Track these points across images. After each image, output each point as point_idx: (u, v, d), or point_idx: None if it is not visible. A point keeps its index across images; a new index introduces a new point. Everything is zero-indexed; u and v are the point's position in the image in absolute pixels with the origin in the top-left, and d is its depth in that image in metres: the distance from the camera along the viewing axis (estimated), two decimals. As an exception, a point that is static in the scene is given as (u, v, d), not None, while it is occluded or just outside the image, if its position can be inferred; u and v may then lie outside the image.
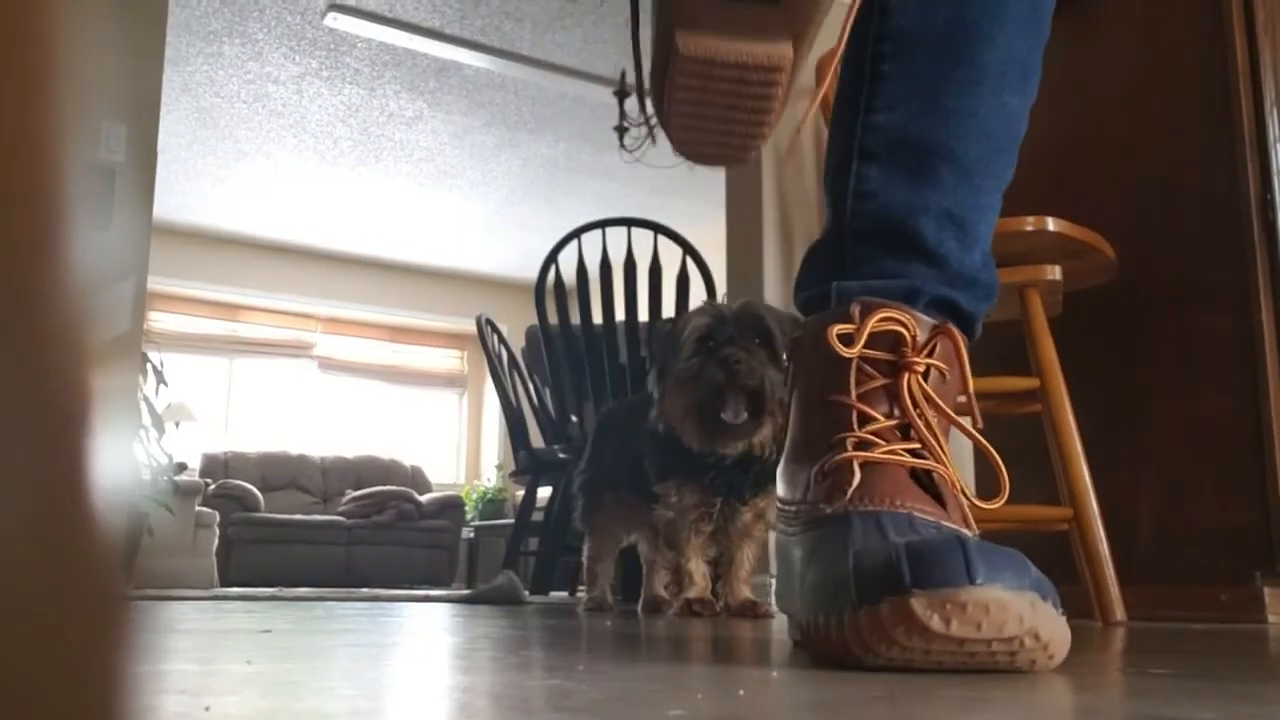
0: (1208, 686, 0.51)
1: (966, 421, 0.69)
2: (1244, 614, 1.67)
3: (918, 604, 0.50)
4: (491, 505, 6.39)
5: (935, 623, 0.50)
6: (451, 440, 7.30)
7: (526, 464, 2.92)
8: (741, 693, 0.42)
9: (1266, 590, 1.68)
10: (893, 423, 0.66)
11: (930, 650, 0.51)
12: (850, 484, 0.63)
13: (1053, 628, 0.53)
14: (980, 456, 0.72)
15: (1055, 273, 1.67)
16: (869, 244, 0.76)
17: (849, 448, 0.64)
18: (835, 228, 0.78)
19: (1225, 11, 1.83)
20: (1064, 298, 1.80)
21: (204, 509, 4.21)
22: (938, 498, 0.64)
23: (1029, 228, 1.66)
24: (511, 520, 3.93)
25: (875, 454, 0.64)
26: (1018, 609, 0.51)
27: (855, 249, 0.76)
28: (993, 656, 0.52)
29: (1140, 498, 1.89)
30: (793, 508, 0.70)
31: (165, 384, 3.26)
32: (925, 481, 0.65)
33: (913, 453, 0.65)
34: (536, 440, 2.95)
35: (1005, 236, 1.67)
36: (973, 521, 0.65)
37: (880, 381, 0.67)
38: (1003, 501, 0.66)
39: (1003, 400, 1.76)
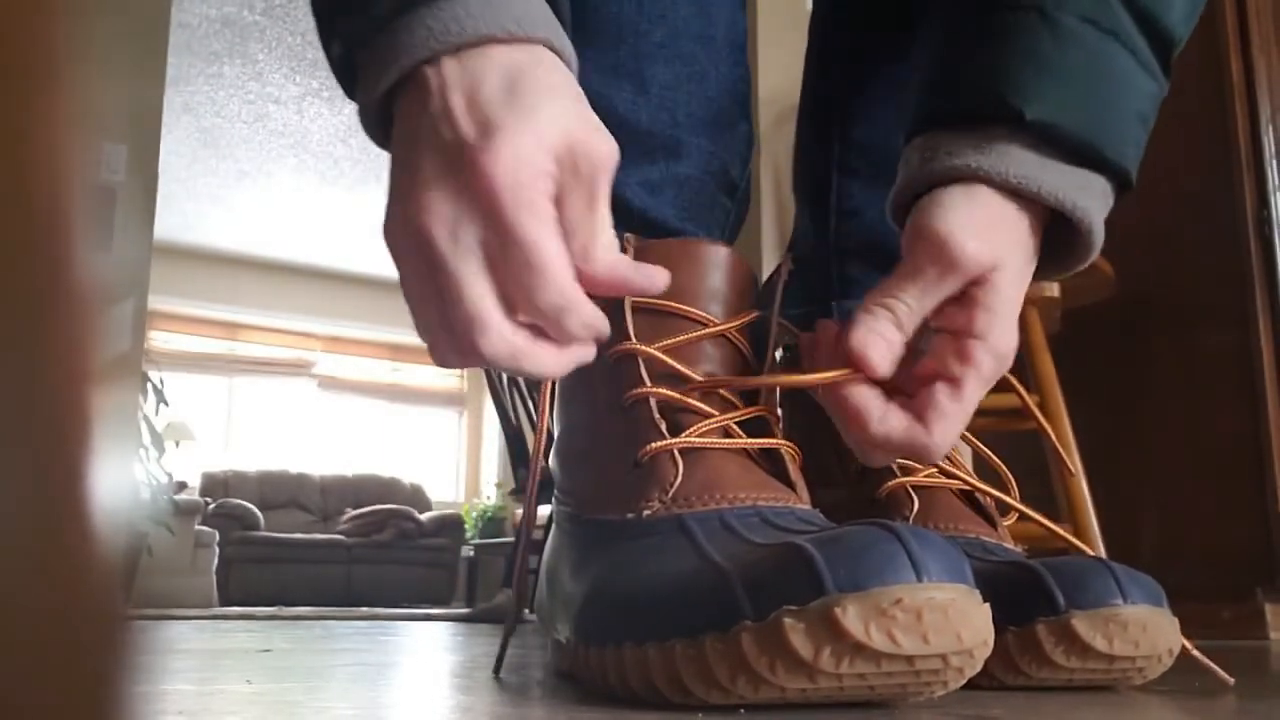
0: (1210, 704, 0.51)
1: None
2: (1245, 631, 1.67)
3: (1079, 623, 0.50)
4: (491, 523, 6.36)
5: (1099, 642, 0.50)
6: (451, 458, 7.29)
7: (526, 482, 2.91)
8: (742, 711, 0.41)
9: (1268, 607, 1.67)
10: None
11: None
12: (911, 509, 0.61)
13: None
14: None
15: (1053, 290, 1.67)
16: (859, 262, 0.74)
17: (898, 473, 0.63)
18: (820, 246, 0.76)
19: (1220, 29, 1.84)
20: (1062, 315, 1.80)
21: (203, 528, 4.20)
22: (989, 520, 0.63)
23: (1027, 245, 1.66)
24: (511, 539, 3.92)
25: (919, 478, 0.63)
26: (1164, 624, 0.52)
27: (844, 267, 0.75)
28: (1125, 673, 0.53)
29: (1140, 514, 1.88)
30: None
31: (165, 403, 3.25)
32: (975, 504, 0.64)
33: (950, 475, 0.63)
34: (536, 458, 2.94)
35: (1004, 253, 1.67)
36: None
37: None
38: (1015, 517, 0.65)
39: (1002, 417, 1.76)
